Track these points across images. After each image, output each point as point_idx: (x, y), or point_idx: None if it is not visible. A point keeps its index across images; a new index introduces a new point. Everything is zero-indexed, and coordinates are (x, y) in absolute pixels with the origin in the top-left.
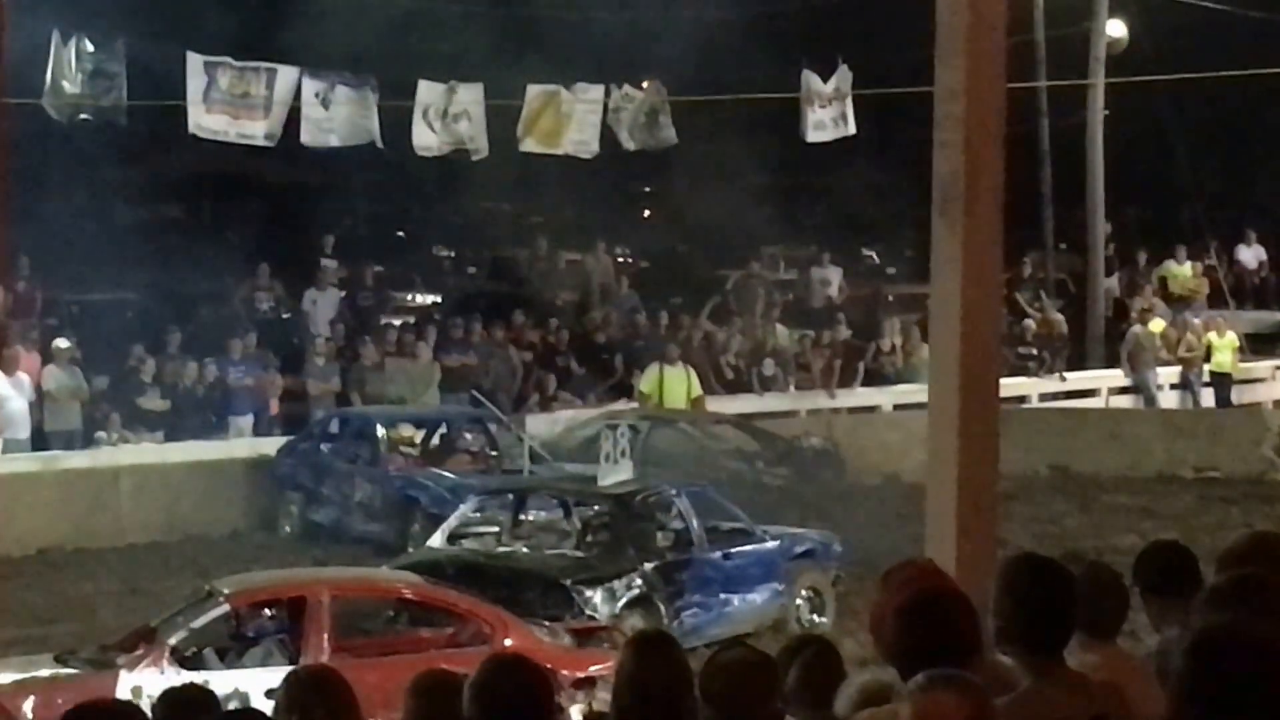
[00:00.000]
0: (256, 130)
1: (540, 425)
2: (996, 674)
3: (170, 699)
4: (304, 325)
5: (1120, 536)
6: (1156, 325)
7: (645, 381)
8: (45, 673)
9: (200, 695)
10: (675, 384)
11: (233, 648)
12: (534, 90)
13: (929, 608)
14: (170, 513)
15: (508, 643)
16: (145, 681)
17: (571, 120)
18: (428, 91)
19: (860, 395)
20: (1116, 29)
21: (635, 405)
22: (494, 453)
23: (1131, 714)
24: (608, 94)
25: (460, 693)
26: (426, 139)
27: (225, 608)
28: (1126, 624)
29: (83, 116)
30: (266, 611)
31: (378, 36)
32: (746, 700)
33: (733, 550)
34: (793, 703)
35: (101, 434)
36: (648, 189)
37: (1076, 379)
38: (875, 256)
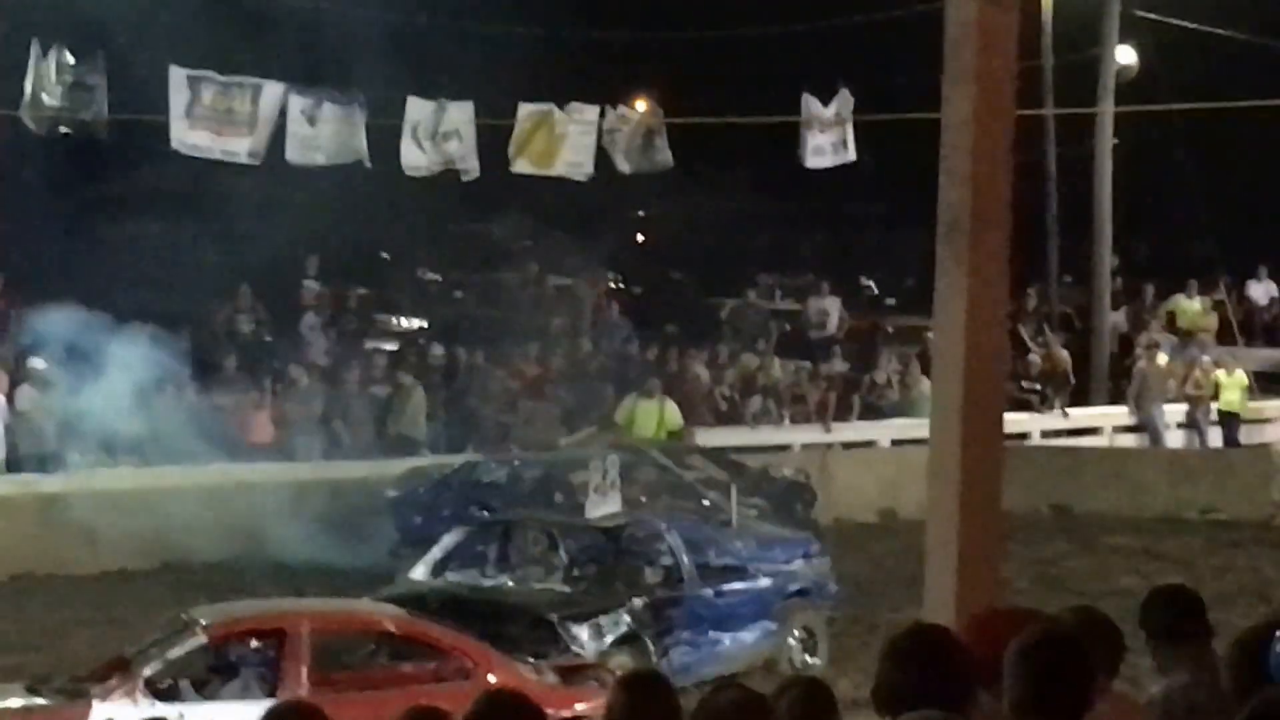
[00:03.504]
0: (240, 148)
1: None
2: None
3: None
4: (287, 348)
5: (1122, 578)
6: (1160, 361)
7: (620, 412)
8: (17, 702)
9: None
10: (645, 417)
11: (209, 679)
12: (526, 109)
13: (915, 648)
14: (147, 539)
15: (492, 679)
16: (119, 713)
17: (565, 141)
18: (417, 109)
19: (857, 429)
20: (1126, 56)
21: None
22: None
23: None
24: (602, 115)
25: None
26: (415, 158)
27: (202, 638)
28: (1128, 669)
29: (62, 130)
30: (244, 643)
31: (365, 52)
32: None
33: (724, 587)
34: None
35: (77, 457)
36: (641, 213)
37: (1080, 416)
38: (874, 286)
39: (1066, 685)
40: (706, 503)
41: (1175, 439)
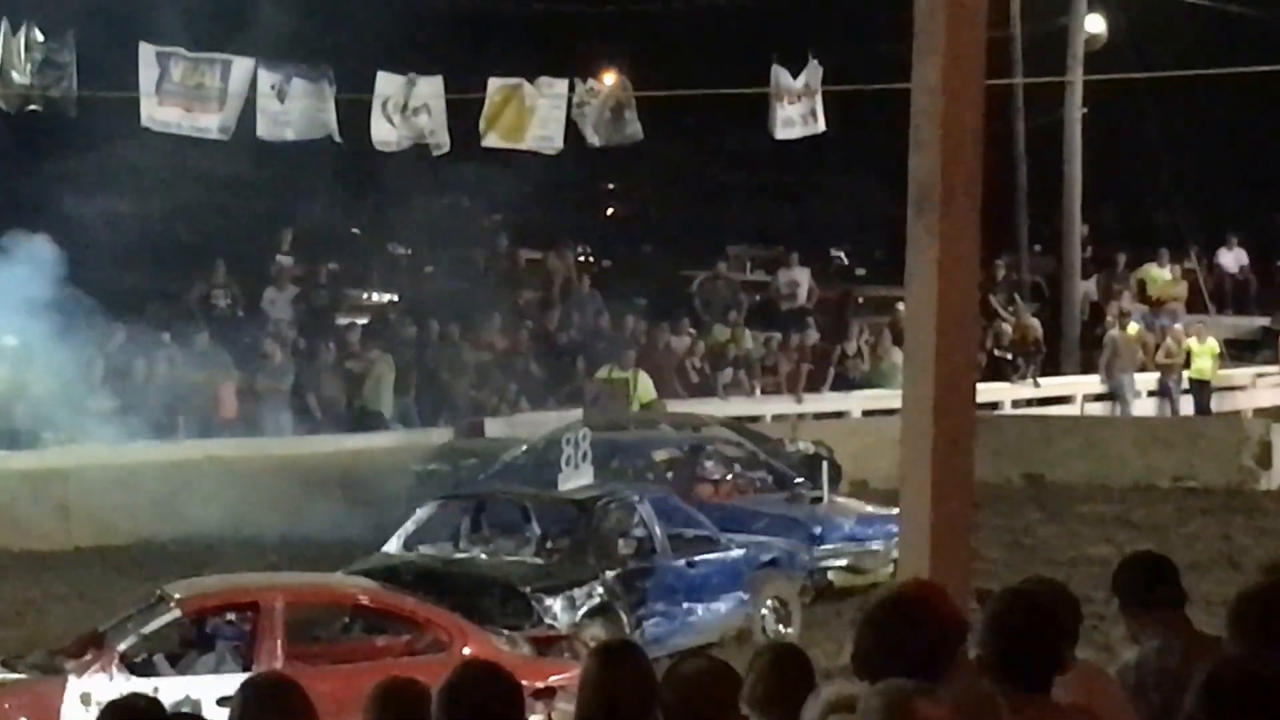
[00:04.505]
0: (210, 123)
1: (498, 430)
2: (974, 693)
3: (115, 710)
4: (261, 323)
5: (1094, 547)
6: (1131, 329)
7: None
8: None
9: (147, 706)
10: (617, 389)
11: (184, 654)
12: (495, 84)
13: (892, 614)
14: (120, 515)
15: (466, 651)
16: (94, 688)
17: (535, 115)
18: (386, 84)
19: (828, 400)
20: (1095, 24)
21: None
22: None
23: None
24: (572, 88)
25: (421, 702)
26: (385, 133)
27: (176, 613)
28: (1100, 636)
29: (32, 107)
30: (219, 617)
31: (334, 26)
32: (708, 711)
33: (696, 558)
34: (761, 711)
35: (49, 434)
36: (611, 186)
37: (1051, 385)
38: (844, 257)
39: (1038, 649)
40: (799, 480)
41: (1147, 407)
